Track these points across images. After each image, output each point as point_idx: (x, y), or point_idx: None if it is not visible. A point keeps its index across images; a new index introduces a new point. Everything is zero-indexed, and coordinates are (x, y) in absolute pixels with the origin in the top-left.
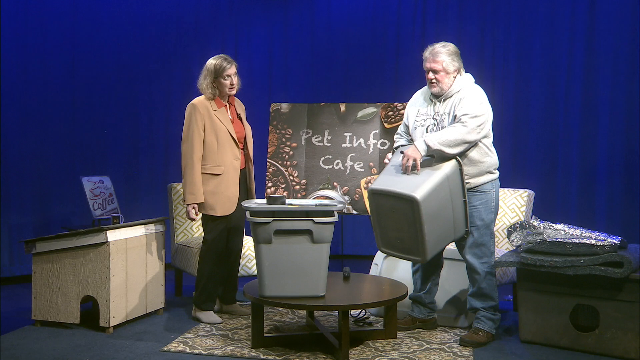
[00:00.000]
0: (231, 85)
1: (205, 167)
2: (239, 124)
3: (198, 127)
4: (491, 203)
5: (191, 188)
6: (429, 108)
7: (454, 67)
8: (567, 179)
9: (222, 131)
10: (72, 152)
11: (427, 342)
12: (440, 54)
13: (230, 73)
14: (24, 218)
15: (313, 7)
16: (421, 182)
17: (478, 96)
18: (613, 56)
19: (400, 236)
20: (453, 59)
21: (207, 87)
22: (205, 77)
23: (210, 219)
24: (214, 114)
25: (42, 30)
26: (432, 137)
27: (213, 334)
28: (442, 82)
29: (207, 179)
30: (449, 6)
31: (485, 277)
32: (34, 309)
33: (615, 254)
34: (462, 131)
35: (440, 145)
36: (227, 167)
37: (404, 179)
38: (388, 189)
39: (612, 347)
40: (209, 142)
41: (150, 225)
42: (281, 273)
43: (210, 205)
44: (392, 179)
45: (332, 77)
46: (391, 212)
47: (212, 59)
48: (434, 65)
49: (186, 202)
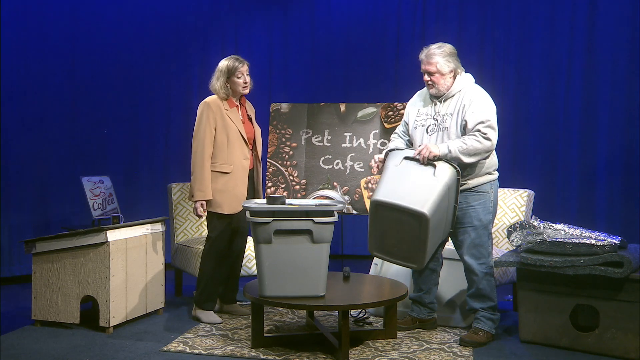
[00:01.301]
0: (244, 84)
1: (215, 165)
2: (249, 125)
3: (210, 125)
4: (489, 204)
5: (200, 185)
6: (430, 108)
7: (449, 68)
8: (567, 179)
9: (233, 130)
10: (72, 152)
11: (427, 342)
12: (434, 55)
13: (243, 71)
14: (24, 218)
15: (313, 7)
16: (428, 195)
17: (485, 99)
18: (613, 56)
19: (398, 245)
20: (448, 59)
21: (220, 87)
22: (218, 77)
23: (215, 216)
24: (226, 113)
25: (42, 30)
26: (454, 145)
27: (213, 334)
28: (438, 83)
29: (216, 176)
30: (449, 6)
31: (484, 277)
32: (34, 309)
33: (615, 254)
34: (485, 144)
35: (460, 154)
36: (236, 166)
37: (409, 190)
38: (395, 203)
39: (612, 347)
40: (219, 140)
41: (150, 225)
42: (281, 273)
43: (218, 203)
44: (397, 189)
45: (332, 77)
46: (394, 224)
47: (224, 60)
48: (428, 67)
49: (194, 199)
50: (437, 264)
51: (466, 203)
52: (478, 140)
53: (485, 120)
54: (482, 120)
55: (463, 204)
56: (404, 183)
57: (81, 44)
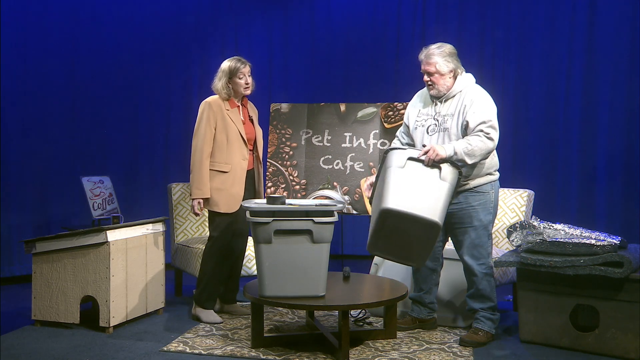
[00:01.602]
0: (246, 85)
1: (213, 164)
2: (249, 126)
3: (210, 124)
4: (490, 204)
5: (198, 183)
6: (430, 108)
7: (448, 69)
8: (567, 179)
9: (233, 130)
10: (72, 152)
11: (427, 342)
12: (433, 55)
13: (245, 72)
14: (24, 218)
15: (313, 7)
16: (437, 202)
17: (486, 99)
18: (613, 56)
19: (401, 245)
20: (447, 60)
21: (222, 87)
22: (220, 78)
23: (215, 215)
24: (227, 114)
25: (42, 30)
26: (460, 146)
27: (213, 334)
28: (438, 83)
29: (214, 175)
30: (449, 6)
31: (483, 278)
32: (34, 309)
33: (615, 254)
34: (489, 144)
35: (465, 155)
36: (234, 165)
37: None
38: (408, 212)
39: (612, 347)
40: (219, 140)
41: (150, 225)
42: (281, 273)
43: (215, 201)
44: (407, 196)
45: (332, 77)
46: (402, 230)
47: (226, 61)
48: (427, 67)
49: (192, 197)
50: (438, 263)
51: (466, 203)
52: (482, 140)
53: (487, 120)
54: (484, 120)
55: (463, 204)
56: (413, 189)
57: (81, 44)
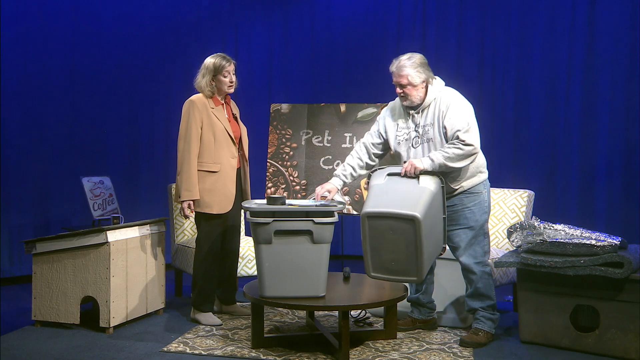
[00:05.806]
0: (230, 83)
1: (202, 164)
2: (234, 124)
3: (196, 123)
4: (484, 204)
5: (187, 184)
6: (409, 121)
7: (420, 79)
8: (567, 179)
9: (220, 129)
10: (72, 152)
11: (427, 343)
12: (404, 67)
13: (230, 70)
14: (24, 218)
15: (313, 7)
16: (416, 200)
17: (461, 102)
18: (613, 56)
19: (395, 258)
20: (419, 70)
21: (205, 85)
22: (204, 75)
23: (203, 218)
24: (212, 112)
25: (42, 30)
26: (436, 155)
27: (213, 335)
28: (411, 94)
29: (203, 176)
30: (449, 6)
31: (482, 277)
32: (34, 309)
33: (616, 255)
34: (467, 149)
35: (445, 160)
36: (223, 164)
37: (397, 199)
38: (386, 211)
39: (612, 348)
40: (206, 139)
41: (150, 226)
42: (281, 273)
43: (207, 203)
44: (384, 200)
45: (332, 77)
46: (388, 234)
47: (210, 57)
48: (399, 79)
49: (181, 199)
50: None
51: (461, 205)
52: (458, 147)
53: (462, 127)
54: (459, 128)
55: (458, 205)
56: (391, 194)
57: (81, 44)
